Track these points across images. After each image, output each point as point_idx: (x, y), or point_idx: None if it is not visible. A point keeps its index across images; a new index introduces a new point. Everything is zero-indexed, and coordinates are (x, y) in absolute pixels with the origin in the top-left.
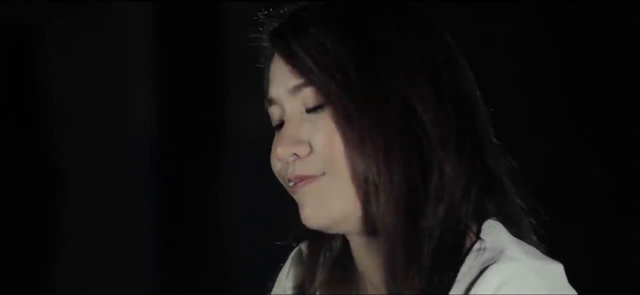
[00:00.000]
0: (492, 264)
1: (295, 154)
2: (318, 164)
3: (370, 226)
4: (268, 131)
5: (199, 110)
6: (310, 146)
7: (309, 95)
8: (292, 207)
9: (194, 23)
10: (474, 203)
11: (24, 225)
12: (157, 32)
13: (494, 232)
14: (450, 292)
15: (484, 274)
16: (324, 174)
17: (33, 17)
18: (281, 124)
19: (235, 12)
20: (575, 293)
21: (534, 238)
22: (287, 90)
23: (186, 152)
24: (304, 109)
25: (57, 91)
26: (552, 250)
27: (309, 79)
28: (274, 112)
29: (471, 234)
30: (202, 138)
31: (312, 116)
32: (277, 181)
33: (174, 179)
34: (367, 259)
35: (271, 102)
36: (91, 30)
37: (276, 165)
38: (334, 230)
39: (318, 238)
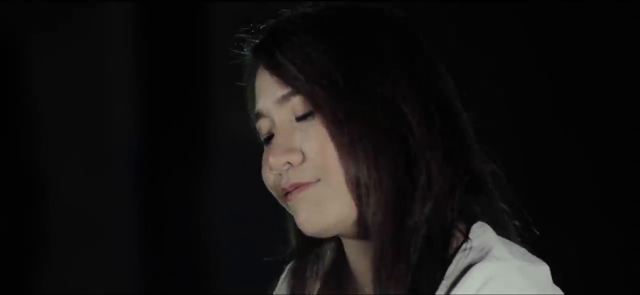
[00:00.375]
0: (477, 263)
1: (288, 162)
2: (312, 170)
3: (363, 228)
4: (252, 137)
5: (182, 115)
6: (303, 154)
7: (297, 103)
8: (277, 214)
9: (177, 27)
10: (459, 204)
11: (3, 233)
12: (139, 35)
13: (481, 233)
14: (437, 291)
15: (469, 271)
16: (318, 180)
17: (11, 22)
18: (270, 137)
19: (219, 17)
20: (562, 293)
21: (519, 240)
22: (275, 100)
23: (169, 158)
24: (293, 118)
25: (39, 97)
26: (538, 252)
27: (296, 87)
28: (263, 125)
29: (459, 235)
30: (185, 144)
31: (302, 124)
32: (262, 187)
33: (158, 185)
34: (361, 263)
35: (259, 115)
36: (73, 36)
37: (269, 178)
38: (329, 234)
39: (307, 250)
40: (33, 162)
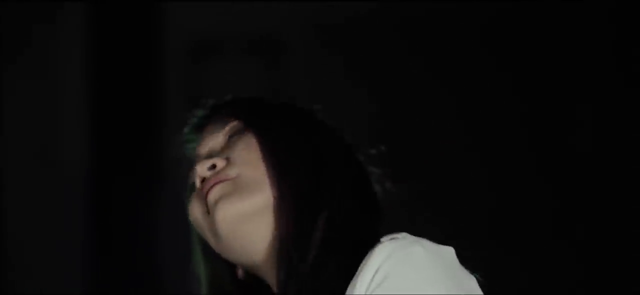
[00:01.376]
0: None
1: (213, 165)
2: (234, 169)
3: (278, 222)
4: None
5: (134, 137)
6: (228, 160)
7: (232, 127)
8: None
9: (131, 51)
10: (363, 223)
11: None
12: (92, 51)
13: (391, 237)
14: (348, 286)
15: (372, 253)
16: (238, 175)
17: None
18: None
19: (172, 30)
20: (472, 276)
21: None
22: (213, 130)
23: (122, 182)
24: (225, 141)
25: None
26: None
27: (235, 114)
28: (195, 170)
29: (370, 243)
30: (137, 159)
31: (232, 139)
32: None
33: (108, 199)
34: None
35: (197, 157)
36: (27, 61)
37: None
38: (242, 229)
39: None
40: None
